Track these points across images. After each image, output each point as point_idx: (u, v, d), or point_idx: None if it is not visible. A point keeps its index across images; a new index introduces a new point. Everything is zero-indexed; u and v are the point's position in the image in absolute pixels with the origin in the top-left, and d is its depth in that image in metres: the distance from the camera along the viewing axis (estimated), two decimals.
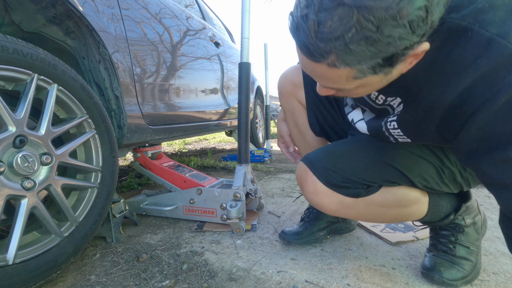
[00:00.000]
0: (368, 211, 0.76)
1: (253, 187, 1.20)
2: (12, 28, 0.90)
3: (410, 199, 0.75)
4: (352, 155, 0.74)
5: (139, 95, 1.13)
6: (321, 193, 0.75)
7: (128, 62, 1.05)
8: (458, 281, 0.75)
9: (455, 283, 0.75)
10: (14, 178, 0.66)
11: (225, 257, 0.90)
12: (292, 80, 0.93)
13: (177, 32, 1.43)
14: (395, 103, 0.60)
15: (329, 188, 0.73)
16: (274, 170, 2.27)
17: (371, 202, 0.75)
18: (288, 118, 0.99)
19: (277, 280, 0.77)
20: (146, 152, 1.36)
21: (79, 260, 0.89)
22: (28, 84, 0.69)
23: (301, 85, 0.91)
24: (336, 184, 0.72)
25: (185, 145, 4.34)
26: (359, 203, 0.74)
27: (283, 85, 0.96)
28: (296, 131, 0.99)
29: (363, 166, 0.72)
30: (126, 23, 1.06)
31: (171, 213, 1.23)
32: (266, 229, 1.12)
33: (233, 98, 2.28)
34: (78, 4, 0.85)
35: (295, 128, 0.98)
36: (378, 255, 0.90)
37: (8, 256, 0.63)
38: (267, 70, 2.97)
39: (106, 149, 0.91)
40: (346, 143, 0.78)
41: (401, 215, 0.77)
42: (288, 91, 0.94)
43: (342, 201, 0.74)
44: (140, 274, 0.81)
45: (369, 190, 0.73)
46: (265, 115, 3.17)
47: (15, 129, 0.66)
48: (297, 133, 0.99)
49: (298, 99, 0.93)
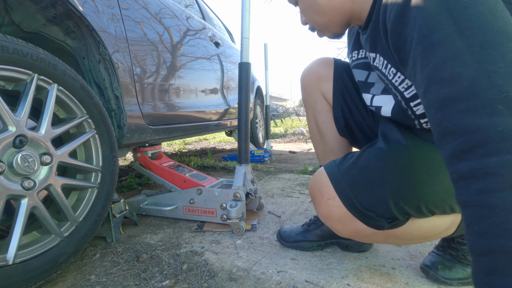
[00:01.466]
0: (387, 241, 0.70)
1: (253, 187, 1.20)
2: (12, 28, 0.90)
3: (439, 230, 0.67)
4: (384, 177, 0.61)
5: (139, 95, 1.13)
6: (336, 219, 0.66)
7: (128, 62, 1.05)
8: (454, 280, 0.74)
9: (449, 281, 0.74)
10: (14, 178, 0.66)
11: (225, 257, 0.90)
12: (317, 72, 0.88)
13: (177, 32, 1.43)
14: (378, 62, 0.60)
15: (349, 212, 0.63)
16: (274, 170, 2.27)
17: (392, 234, 0.66)
18: (308, 115, 0.93)
19: (277, 280, 0.77)
20: (146, 152, 1.36)
21: (79, 260, 0.89)
22: (28, 84, 0.69)
23: (327, 77, 0.86)
24: (360, 211, 0.62)
25: (185, 145, 4.34)
26: (378, 234, 0.65)
27: (306, 78, 0.91)
28: (315, 130, 0.92)
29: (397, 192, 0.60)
30: (126, 23, 1.06)
31: (171, 213, 1.23)
32: (266, 229, 1.12)
33: (233, 98, 2.28)
34: (78, 4, 0.85)
35: (315, 126, 0.92)
36: (378, 255, 0.90)
37: (8, 256, 0.63)
38: (267, 70, 2.97)
39: (106, 149, 0.91)
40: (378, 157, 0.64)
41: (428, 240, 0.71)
42: (312, 84, 0.89)
43: (358, 231, 0.66)
44: (140, 274, 0.81)
45: (396, 223, 0.64)
46: (265, 115, 3.17)
47: (15, 129, 0.66)
48: (316, 133, 0.92)
49: (322, 92, 0.88)
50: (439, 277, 0.74)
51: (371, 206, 0.62)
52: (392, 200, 0.60)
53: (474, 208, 0.34)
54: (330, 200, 0.65)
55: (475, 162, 0.34)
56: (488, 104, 0.33)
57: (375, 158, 0.63)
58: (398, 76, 0.55)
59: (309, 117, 0.93)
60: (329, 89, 0.86)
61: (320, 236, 0.93)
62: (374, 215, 0.62)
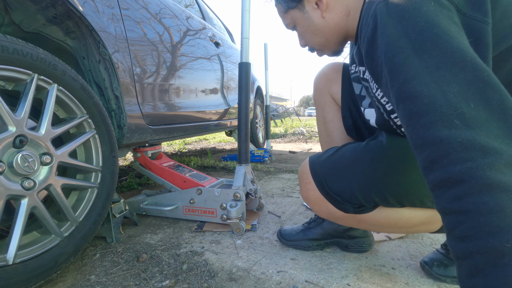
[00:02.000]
0: (359, 225, 0.75)
1: (253, 187, 1.20)
2: (12, 28, 0.90)
3: (412, 223, 0.70)
4: (354, 167, 0.68)
5: (139, 95, 1.13)
6: (312, 201, 0.74)
7: (128, 62, 1.05)
8: (448, 278, 0.75)
9: (443, 278, 0.76)
10: (14, 178, 0.66)
11: (225, 257, 0.90)
12: (327, 75, 0.94)
13: (177, 32, 1.43)
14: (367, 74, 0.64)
15: (321, 194, 0.71)
16: (274, 170, 2.27)
17: (361, 219, 0.72)
18: (318, 115, 0.99)
19: (277, 280, 0.77)
20: (146, 152, 1.36)
21: (79, 260, 0.89)
22: (28, 84, 0.69)
23: (336, 79, 0.91)
24: (329, 194, 0.70)
25: (185, 145, 4.34)
26: (348, 218, 0.72)
27: (318, 81, 0.97)
28: (323, 129, 0.98)
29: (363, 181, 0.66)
30: (126, 23, 1.06)
31: (171, 213, 1.23)
32: (266, 229, 1.12)
33: (233, 98, 2.28)
34: (78, 4, 0.85)
35: (323, 126, 0.97)
36: (378, 255, 0.90)
37: (8, 256, 0.63)
38: (267, 70, 2.97)
39: (106, 149, 0.91)
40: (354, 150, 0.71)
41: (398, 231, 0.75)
42: (322, 86, 0.95)
43: (331, 213, 0.73)
44: (140, 274, 0.81)
45: (362, 209, 0.70)
46: (265, 115, 3.17)
47: (15, 129, 0.66)
48: (323, 131, 0.98)
49: (331, 93, 0.93)
50: (433, 272, 0.76)
51: (339, 191, 0.69)
52: (358, 188, 0.67)
53: (452, 214, 0.36)
54: (308, 184, 0.74)
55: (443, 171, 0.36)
56: (446, 118, 0.36)
57: (351, 151, 0.71)
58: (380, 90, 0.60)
59: (318, 117, 0.98)
60: (338, 90, 0.91)
61: (320, 234, 0.94)
62: (340, 199, 0.69)
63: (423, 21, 0.40)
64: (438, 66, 0.38)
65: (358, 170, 0.67)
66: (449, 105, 0.36)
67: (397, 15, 0.43)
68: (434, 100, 0.37)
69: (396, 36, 0.42)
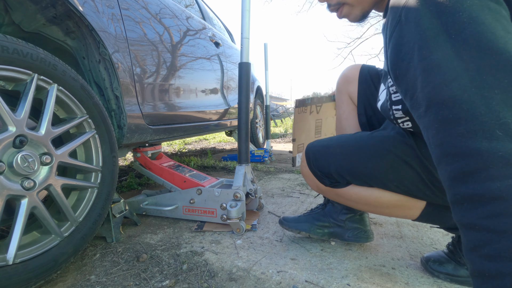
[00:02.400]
0: (340, 200, 0.84)
1: (253, 187, 1.20)
2: (12, 28, 0.90)
3: (381, 202, 0.75)
4: (338, 148, 0.78)
5: (139, 95, 1.13)
6: (304, 174, 0.86)
7: (128, 62, 1.05)
8: (441, 274, 0.77)
9: (437, 273, 0.78)
10: (14, 178, 0.66)
11: (225, 257, 0.90)
12: (345, 76, 0.99)
13: (177, 32, 1.43)
14: None
15: (309, 170, 0.83)
16: (274, 170, 2.27)
17: (339, 193, 0.81)
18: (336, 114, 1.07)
19: (277, 280, 0.77)
20: (146, 152, 1.36)
21: (79, 260, 0.89)
22: (28, 84, 0.69)
23: (353, 79, 0.97)
24: (312, 168, 0.82)
25: (185, 145, 4.34)
26: (329, 191, 0.83)
27: (339, 82, 1.03)
28: (338, 126, 1.06)
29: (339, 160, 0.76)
30: (126, 23, 1.06)
31: (171, 213, 1.23)
32: (266, 229, 1.12)
33: (233, 98, 2.28)
34: (78, 4, 0.85)
35: (339, 123, 1.05)
36: (378, 255, 0.90)
37: (8, 256, 0.63)
38: (267, 70, 2.97)
39: (106, 149, 0.91)
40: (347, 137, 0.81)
41: (374, 211, 0.80)
42: (341, 86, 1.01)
43: (318, 186, 0.84)
44: (140, 274, 0.81)
45: (335, 184, 0.80)
46: (265, 115, 3.17)
47: (15, 129, 0.66)
48: (338, 128, 1.06)
49: (348, 93, 0.99)
50: (428, 267, 0.80)
51: (319, 167, 0.80)
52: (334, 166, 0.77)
53: (483, 231, 0.34)
54: (303, 161, 0.86)
55: (479, 186, 0.34)
56: (487, 129, 0.34)
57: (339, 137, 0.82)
58: None
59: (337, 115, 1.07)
60: (354, 90, 0.98)
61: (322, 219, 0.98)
62: (320, 174, 0.80)
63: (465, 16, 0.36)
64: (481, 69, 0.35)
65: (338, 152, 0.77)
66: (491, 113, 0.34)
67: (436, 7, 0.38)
68: (474, 107, 0.34)
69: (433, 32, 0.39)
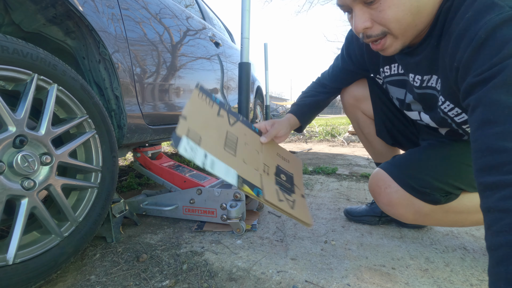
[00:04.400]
0: (447, 218, 0.76)
1: None
2: (12, 28, 0.90)
3: None
4: (431, 160, 0.74)
5: (139, 95, 1.13)
6: (396, 204, 0.75)
7: (128, 62, 1.05)
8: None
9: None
10: (14, 178, 0.66)
11: (225, 257, 0.90)
12: (353, 95, 1.01)
13: (177, 32, 1.43)
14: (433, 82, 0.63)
15: (408, 193, 0.72)
16: None
17: (449, 209, 0.74)
18: (354, 127, 1.11)
19: (277, 280, 0.77)
20: (146, 152, 1.36)
21: (79, 260, 0.89)
22: (28, 84, 0.69)
23: (363, 98, 1.00)
24: (416, 189, 0.72)
25: None
26: (437, 211, 0.74)
27: (345, 99, 1.05)
28: (363, 139, 1.11)
29: (443, 170, 0.71)
30: (126, 23, 1.06)
31: (171, 213, 1.23)
32: (266, 229, 1.12)
33: (233, 98, 2.28)
34: (78, 4, 0.85)
35: (362, 135, 1.10)
36: (378, 255, 0.90)
37: (8, 256, 0.63)
38: (267, 70, 2.98)
39: (106, 149, 0.91)
40: (422, 150, 0.78)
41: None
42: (350, 104, 1.04)
43: (419, 210, 0.74)
44: (140, 274, 0.81)
45: (450, 197, 0.73)
46: (265, 115, 3.17)
47: (15, 129, 0.66)
48: (364, 140, 1.11)
49: (362, 110, 1.02)
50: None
51: (425, 184, 0.71)
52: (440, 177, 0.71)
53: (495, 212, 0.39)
54: (387, 188, 0.76)
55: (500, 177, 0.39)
56: None
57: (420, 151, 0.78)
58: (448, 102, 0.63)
59: (356, 128, 1.11)
60: (368, 107, 1.00)
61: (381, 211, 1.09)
62: (429, 190, 0.71)
63: None
64: None
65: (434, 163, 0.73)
66: None
67: None
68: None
69: None
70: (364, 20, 0.54)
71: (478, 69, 0.44)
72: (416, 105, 0.76)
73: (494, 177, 0.39)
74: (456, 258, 0.88)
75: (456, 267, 0.83)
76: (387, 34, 0.56)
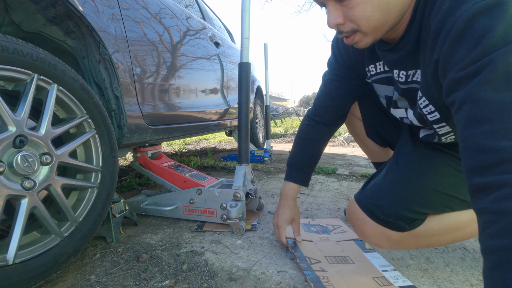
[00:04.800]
0: (419, 242, 0.76)
1: (253, 187, 1.20)
2: (12, 28, 0.90)
3: (461, 221, 0.72)
4: (395, 187, 0.73)
5: (139, 95, 1.13)
6: (369, 235, 0.76)
7: (128, 62, 1.05)
8: None
9: None
10: (14, 178, 0.66)
11: (225, 257, 0.90)
12: None
13: (177, 32, 1.43)
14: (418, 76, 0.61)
15: (375, 222, 0.73)
16: (274, 170, 2.27)
17: (418, 234, 0.74)
18: (350, 130, 1.14)
19: (277, 280, 0.77)
20: (146, 152, 1.36)
21: (79, 260, 0.89)
22: (28, 84, 0.69)
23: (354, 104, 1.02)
24: (381, 219, 0.72)
25: (185, 145, 4.34)
26: (406, 237, 0.74)
27: None
28: (357, 139, 1.13)
29: (407, 197, 0.71)
30: (126, 23, 1.06)
31: (171, 213, 1.23)
32: (266, 229, 1.12)
33: (233, 98, 2.28)
34: (78, 4, 0.85)
35: (356, 136, 1.12)
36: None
37: (8, 256, 0.63)
38: (267, 70, 2.97)
39: (106, 149, 0.91)
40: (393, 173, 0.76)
41: (460, 237, 0.76)
42: None
43: (390, 239, 0.74)
44: (140, 274, 0.81)
45: (414, 223, 0.72)
46: (265, 115, 3.17)
47: (15, 129, 0.66)
48: (358, 140, 1.14)
49: (352, 113, 1.05)
50: None
51: (389, 213, 0.71)
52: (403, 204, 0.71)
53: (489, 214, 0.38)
54: (358, 220, 0.77)
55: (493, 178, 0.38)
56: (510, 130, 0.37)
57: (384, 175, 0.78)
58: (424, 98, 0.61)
59: (349, 129, 1.14)
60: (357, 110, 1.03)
61: None
62: (393, 219, 0.71)
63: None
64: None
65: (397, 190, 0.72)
66: None
67: None
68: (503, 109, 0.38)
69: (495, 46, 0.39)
70: (336, 16, 0.55)
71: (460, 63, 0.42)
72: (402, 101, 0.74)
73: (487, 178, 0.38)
74: (456, 258, 0.88)
75: (456, 267, 0.83)
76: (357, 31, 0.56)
